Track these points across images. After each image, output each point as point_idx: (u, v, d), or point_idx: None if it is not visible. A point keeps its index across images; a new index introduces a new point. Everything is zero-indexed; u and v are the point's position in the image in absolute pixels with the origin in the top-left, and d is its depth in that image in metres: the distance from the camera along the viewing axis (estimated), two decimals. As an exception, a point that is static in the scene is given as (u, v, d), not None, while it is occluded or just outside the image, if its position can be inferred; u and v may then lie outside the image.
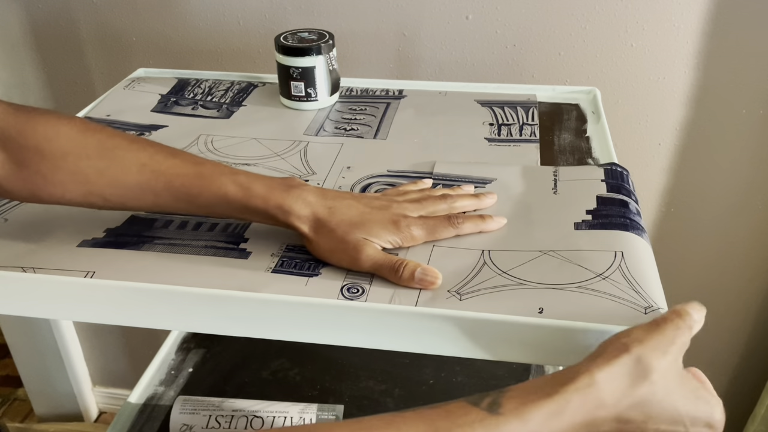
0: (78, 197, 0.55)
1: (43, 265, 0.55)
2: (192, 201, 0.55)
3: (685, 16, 0.92)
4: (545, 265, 0.54)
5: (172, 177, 0.54)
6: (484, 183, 0.66)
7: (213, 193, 0.54)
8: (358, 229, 0.54)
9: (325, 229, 0.54)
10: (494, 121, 0.79)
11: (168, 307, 0.53)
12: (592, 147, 0.73)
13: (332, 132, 0.77)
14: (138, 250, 0.57)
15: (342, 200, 0.56)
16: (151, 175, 0.54)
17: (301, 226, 0.54)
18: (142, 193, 0.55)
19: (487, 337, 0.49)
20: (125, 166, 0.54)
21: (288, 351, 0.97)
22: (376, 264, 0.53)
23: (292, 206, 0.54)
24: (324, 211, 0.54)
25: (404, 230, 0.55)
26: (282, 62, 0.80)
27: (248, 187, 0.54)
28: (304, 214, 0.54)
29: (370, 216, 0.55)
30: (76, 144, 0.54)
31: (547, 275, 0.53)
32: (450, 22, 0.96)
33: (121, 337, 1.46)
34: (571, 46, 0.96)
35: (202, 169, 0.55)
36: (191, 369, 0.95)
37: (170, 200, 0.55)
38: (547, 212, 0.61)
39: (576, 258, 0.54)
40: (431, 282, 0.52)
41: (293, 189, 0.55)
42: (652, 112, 0.99)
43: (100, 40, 1.06)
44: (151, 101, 0.85)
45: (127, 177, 0.54)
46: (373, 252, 0.53)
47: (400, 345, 0.51)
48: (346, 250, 0.53)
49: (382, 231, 0.54)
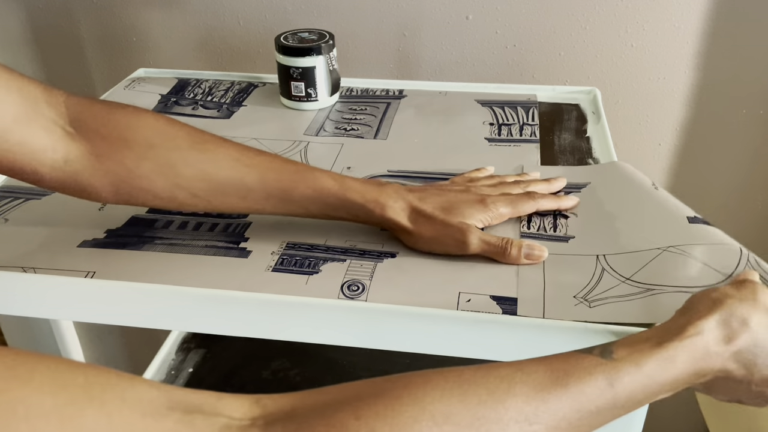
0: (164, 191, 0.52)
1: (43, 265, 0.55)
2: (285, 196, 0.54)
3: (685, 16, 0.92)
4: (669, 263, 0.52)
5: (265, 171, 0.53)
6: (578, 188, 0.64)
7: (309, 186, 0.53)
8: (453, 213, 0.54)
9: (422, 218, 0.54)
10: (494, 121, 0.79)
11: (168, 307, 0.53)
12: (592, 147, 0.73)
13: (332, 132, 0.77)
14: (138, 251, 0.57)
15: (426, 190, 0.57)
16: (245, 169, 0.53)
17: (399, 220, 0.54)
18: (233, 188, 0.53)
19: (487, 336, 0.49)
20: (217, 160, 0.53)
21: (288, 351, 0.97)
22: (483, 245, 0.54)
23: (387, 200, 0.54)
24: (416, 201, 0.55)
25: (491, 208, 0.56)
26: (282, 62, 0.80)
27: (343, 181, 0.54)
28: (399, 206, 0.54)
29: (457, 198, 0.56)
30: (164, 135, 0.52)
31: (673, 275, 0.51)
32: (450, 22, 0.96)
33: (121, 337, 1.46)
34: (571, 46, 0.96)
35: (294, 165, 0.55)
36: (191, 369, 0.95)
37: (260, 196, 0.53)
38: (653, 209, 0.59)
39: (701, 256, 0.52)
40: (539, 256, 0.54)
41: (385, 185, 0.56)
42: (652, 112, 0.99)
43: (100, 40, 1.06)
44: (152, 101, 0.85)
45: (219, 171, 0.53)
46: (479, 234, 0.54)
47: (400, 345, 0.51)
48: (452, 235, 0.54)
49: (473, 211, 0.55)
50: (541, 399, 0.36)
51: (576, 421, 0.37)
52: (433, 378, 0.37)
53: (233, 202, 0.54)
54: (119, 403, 0.30)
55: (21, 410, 0.26)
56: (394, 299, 0.51)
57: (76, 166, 0.51)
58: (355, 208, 0.54)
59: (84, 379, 0.29)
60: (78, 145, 0.51)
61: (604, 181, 0.65)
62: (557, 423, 0.36)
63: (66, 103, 0.51)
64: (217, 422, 0.32)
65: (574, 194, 0.63)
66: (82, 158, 0.51)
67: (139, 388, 0.31)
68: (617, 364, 0.39)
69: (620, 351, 0.40)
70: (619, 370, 0.38)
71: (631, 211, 0.60)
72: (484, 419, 0.35)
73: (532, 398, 0.36)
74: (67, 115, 0.51)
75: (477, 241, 0.54)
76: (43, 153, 0.49)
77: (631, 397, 0.39)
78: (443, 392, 0.35)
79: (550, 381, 0.37)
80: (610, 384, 0.38)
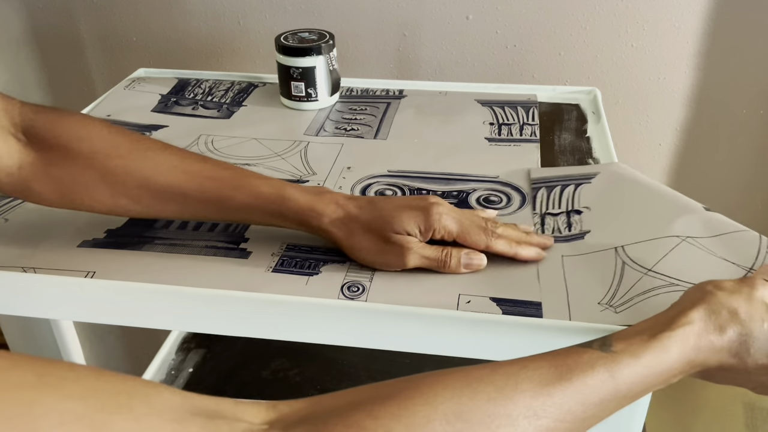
0: (107, 198, 0.54)
1: (43, 265, 0.55)
2: (223, 204, 0.54)
3: (685, 16, 0.92)
4: (689, 255, 0.51)
5: (204, 179, 0.53)
6: (588, 178, 0.64)
7: (246, 194, 0.53)
8: (391, 222, 0.53)
9: (358, 229, 0.53)
10: (494, 120, 0.79)
11: (168, 307, 0.53)
12: (592, 147, 0.73)
13: (332, 132, 0.77)
14: (138, 251, 0.57)
15: (373, 201, 0.55)
16: (183, 176, 0.53)
17: (336, 231, 0.53)
18: (172, 195, 0.53)
19: (486, 336, 0.49)
20: (157, 167, 0.53)
21: (288, 351, 0.97)
22: (422, 260, 0.53)
23: (324, 209, 0.53)
24: (355, 210, 0.54)
25: (435, 217, 0.52)
26: (282, 62, 0.80)
27: (282, 190, 0.54)
28: (337, 216, 0.53)
29: (400, 203, 0.54)
30: (107, 143, 0.54)
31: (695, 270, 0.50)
32: (450, 22, 0.96)
33: (121, 337, 1.46)
34: (571, 47, 0.95)
35: (234, 172, 0.55)
36: (191, 369, 0.95)
37: (199, 205, 0.54)
38: (667, 199, 0.58)
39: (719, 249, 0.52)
40: (478, 264, 0.53)
41: (325, 194, 0.54)
42: (653, 112, 0.99)
43: (101, 40, 1.06)
44: (152, 101, 0.85)
45: (158, 178, 0.53)
46: (417, 248, 0.53)
47: (400, 345, 0.51)
48: (389, 250, 0.53)
49: (411, 219, 0.53)
50: (547, 394, 0.38)
51: (581, 413, 0.38)
52: (443, 378, 0.38)
53: (173, 209, 0.55)
54: (146, 409, 0.30)
55: (54, 416, 0.27)
56: (394, 300, 0.51)
57: (27, 172, 0.53)
58: (293, 217, 0.54)
59: (111, 386, 0.30)
60: (29, 153, 0.53)
61: (614, 174, 0.64)
62: (563, 416, 0.38)
63: (20, 111, 0.53)
64: (239, 427, 0.33)
65: (584, 184, 0.62)
66: (32, 165, 0.53)
67: (164, 395, 0.32)
68: (616, 356, 0.40)
69: (618, 344, 0.41)
70: (619, 362, 0.40)
71: (644, 200, 0.58)
72: (494, 415, 0.36)
73: (539, 393, 0.37)
74: (21, 124, 0.53)
75: (415, 256, 0.52)
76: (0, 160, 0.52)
77: (632, 388, 0.40)
78: (453, 391, 0.37)
79: (554, 376, 0.38)
80: (612, 376, 0.39)
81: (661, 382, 0.41)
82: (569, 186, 0.63)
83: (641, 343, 0.41)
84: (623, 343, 0.41)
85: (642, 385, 0.40)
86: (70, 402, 0.28)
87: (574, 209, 0.60)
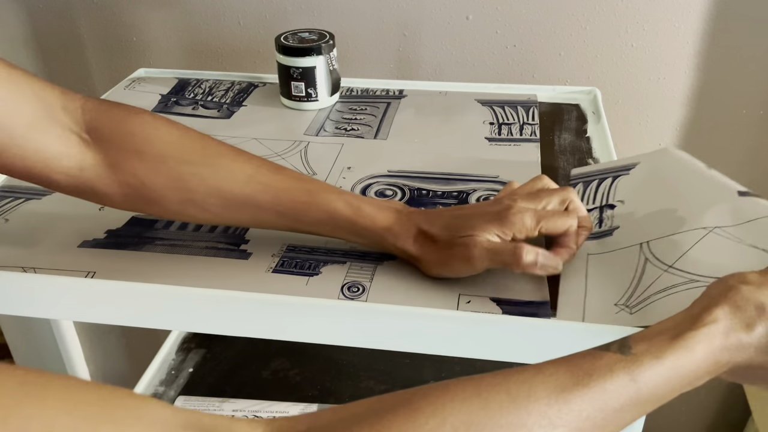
0: (175, 205, 0.52)
1: (43, 265, 0.55)
2: (298, 217, 0.52)
3: (685, 16, 0.92)
4: (715, 247, 0.49)
5: (279, 191, 0.52)
6: (627, 169, 0.62)
7: (321, 209, 0.52)
8: (461, 229, 0.50)
9: (428, 241, 0.51)
10: (494, 120, 0.79)
11: (168, 307, 0.53)
12: (592, 147, 0.73)
13: (332, 132, 0.77)
14: (139, 251, 0.57)
15: (441, 211, 0.53)
16: (258, 187, 0.52)
17: (409, 248, 0.52)
18: (245, 205, 0.52)
19: (486, 336, 0.49)
20: (231, 176, 0.52)
21: (288, 351, 0.97)
22: (491, 253, 0.49)
23: (401, 228, 0.52)
24: (425, 224, 0.52)
25: (513, 219, 0.49)
26: (282, 62, 0.80)
27: (357, 206, 0.52)
28: (411, 233, 0.52)
29: (473, 211, 0.52)
30: (178, 147, 0.52)
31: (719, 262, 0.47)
32: (450, 22, 0.96)
33: (121, 337, 1.46)
34: (571, 47, 0.95)
35: (310, 185, 0.53)
36: (191, 369, 0.95)
37: (273, 215, 0.52)
38: (703, 187, 0.55)
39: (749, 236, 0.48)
40: (554, 269, 0.49)
41: (400, 212, 0.53)
42: (653, 112, 0.99)
43: (101, 40, 1.06)
44: (152, 101, 0.85)
45: (232, 187, 0.52)
46: (485, 243, 0.49)
47: (400, 345, 0.51)
48: (456, 254, 0.50)
49: (487, 224, 0.50)
50: (564, 400, 0.35)
51: (600, 421, 0.36)
52: (452, 388, 0.36)
53: (244, 219, 0.53)
54: (134, 421, 0.29)
55: (37, 426, 0.26)
56: (394, 301, 0.51)
57: (90, 174, 0.51)
58: (367, 234, 0.52)
59: (97, 397, 0.29)
60: (93, 154, 0.51)
61: (654, 162, 0.61)
62: (581, 424, 0.35)
63: (83, 109, 0.51)
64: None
65: (623, 176, 0.60)
66: (96, 166, 0.51)
67: (152, 408, 0.31)
68: (637, 358, 0.38)
69: (639, 345, 0.39)
70: (640, 365, 0.37)
71: (680, 191, 0.55)
72: (508, 425, 0.34)
73: (554, 400, 0.35)
74: (84, 122, 0.51)
75: (482, 252, 0.49)
76: (58, 160, 0.49)
77: (655, 392, 0.38)
78: (463, 401, 0.35)
79: (571, 381, 0.36)
80: (633, 379, 0.37)
81: (685, 384, 0.39)
82: (607, 179, 0.61)
83: (663, 344, 0.39)
84: (644, 345, 0.39)
85: (665, 388, 0.38)
86: (53, 412, 0.27)
87: (608, 203, 0.58)
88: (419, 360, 0.95)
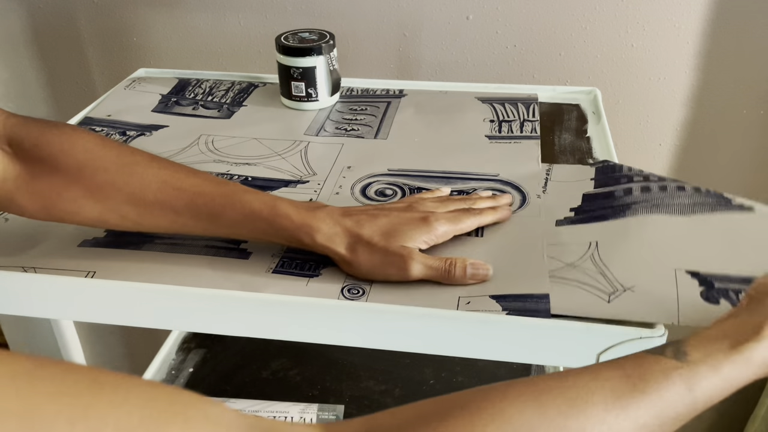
0: (93, 214, 0.52)
1: (43, 265, 0.55)
2: (214, 220, 0.52)
3: (685, 16, 0.92)
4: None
5: (194, 195, 0.52)
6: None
7: (237, 211, 0.52)
8: (393, 237, 0.52)
9: (361, 245, 0.52)
10: (495, 117, 0.79)
11: (168, 307, 0.53)
12: (592, 147, 0.73)
13: (333, 132, 0.77)
14: (139, 251, 0.57)
15: (365, 212, 0.54)
16: (173, 192, 0.52)
17: (334, 247, 0.52)
18: (162, 211, 0.52)
19: (487, 336, 0.49)
20: (145, 182, 0.52)
21: (288, 351, 0.97)
22: (426, 270, 0.52)
23: (320, 225, 0.52)
24: (354, 227, 0.52)
25: (434, 226, 0.53)
26: (283, 62, 0.80)
27: (274, 206, 0.52)
28: (333, 232, 0.52)
29: (399, 219, 0.53)
30: (93, 157, 0.52)
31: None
32: (450, 22, 0.96)
33: (121, 337, 1.46)
34: (571, 47, 0.95)
35: (225, 188, 0.53)
36: (191, 369, 0.95)
37: (191, 219, 0.53)
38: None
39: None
40: (484, 274, 0.52)
41: (318, 210, 0.53)
42: (653, 112, 0.99)
43: (101, 40, 1.06)
44: (152, 101, 0.85)
45: (146, 194, 0.52)
46: (421, 259, 0.52)
47: (400, 345, 0.51)
48: (393, 262, 0.51)
49: (415, 233, 0.53)
50: (621, 406, 0.35)
51: (657, 428, 0.36)
52: (508, 392, 0.36)
53: (163, 224, 0.53)
54: (203, 420, 0.30)
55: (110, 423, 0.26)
56: (394, 301, 0.51)
57: (11, 185, 0.51)
58: (285, 233, 0.52)
59: (167, 396, 0.29)
60: (14, 166, 0.51)
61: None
62: (638, 430, 0.35)
63: (5, 123, 0.52)
64: None
65: None
66: (17, 179, 0.51)
67: (218, 408, 0.31)
68: (694, 367, 0.37)
69: (694, 353, 0.38)
70: (697, 374, 0.37)
71: None
72: (567, 429, 0.34)
73: (612, 406, 0.35)
74: (5, 135, 0.52)
75: (419, 266, 0.51)
76: None
77: (708, 402, 0.37)
78: (523, 406, 0.35)
79: (627, 387, 0.36)
80: (689, 389, 0.37)
81: (733, 392, 0.39)
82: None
83: (721, 354, 0.38)
84: (700, 352, 0.38)
85: (717, 398, 0.38)
86: (125, 408, 0.27)
87: None
88: (419, 360, 0.95)
